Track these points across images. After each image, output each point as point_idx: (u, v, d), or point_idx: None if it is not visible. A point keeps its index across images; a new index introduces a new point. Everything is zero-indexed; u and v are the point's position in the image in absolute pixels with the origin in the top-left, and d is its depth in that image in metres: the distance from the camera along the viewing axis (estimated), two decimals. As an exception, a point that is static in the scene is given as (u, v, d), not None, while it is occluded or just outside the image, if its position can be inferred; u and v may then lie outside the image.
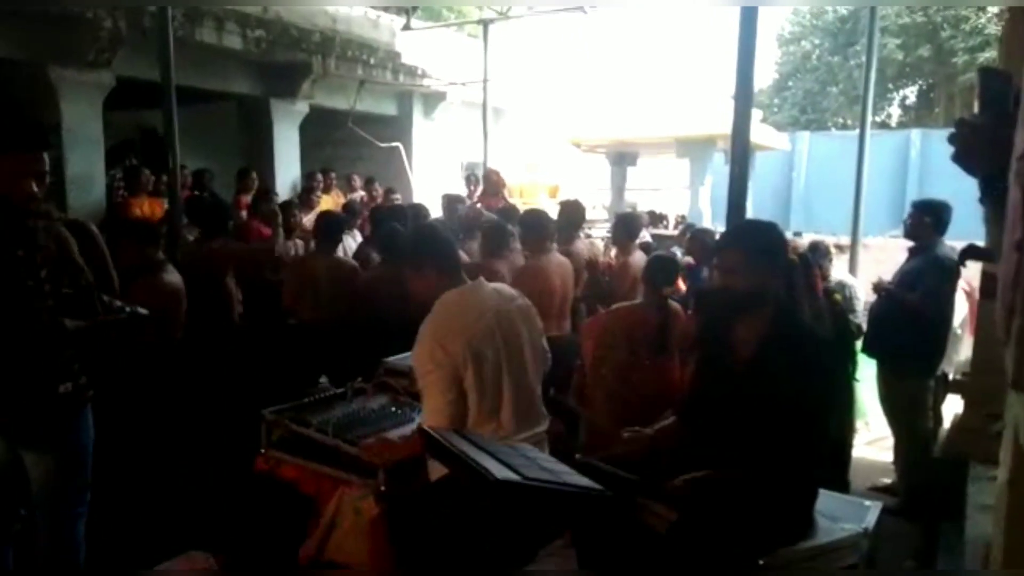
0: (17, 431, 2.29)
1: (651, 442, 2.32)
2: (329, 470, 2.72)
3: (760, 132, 10.03)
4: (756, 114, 10.39)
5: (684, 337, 3.49)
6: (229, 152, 9.02)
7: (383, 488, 2.55)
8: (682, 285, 5.11)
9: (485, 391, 2.32)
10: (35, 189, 2.18)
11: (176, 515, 3.14)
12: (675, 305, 3.66)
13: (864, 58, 6.56)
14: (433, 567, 2.25)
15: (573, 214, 5.03)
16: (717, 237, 3.41)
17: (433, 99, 10.33)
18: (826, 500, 2.27)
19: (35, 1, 5.38)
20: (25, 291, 2.18)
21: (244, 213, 6.26)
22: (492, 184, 7.06)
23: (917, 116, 23.03)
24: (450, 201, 6.16)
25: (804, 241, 5.05)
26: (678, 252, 6.16)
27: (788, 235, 6.45)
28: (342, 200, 7.59)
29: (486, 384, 2.31)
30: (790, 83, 24.56)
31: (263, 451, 2.90)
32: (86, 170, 6.24)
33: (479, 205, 6.47)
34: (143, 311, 2.51)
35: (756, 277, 2.14)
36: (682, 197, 10.63)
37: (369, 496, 2.58)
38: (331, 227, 4.49)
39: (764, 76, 24.68)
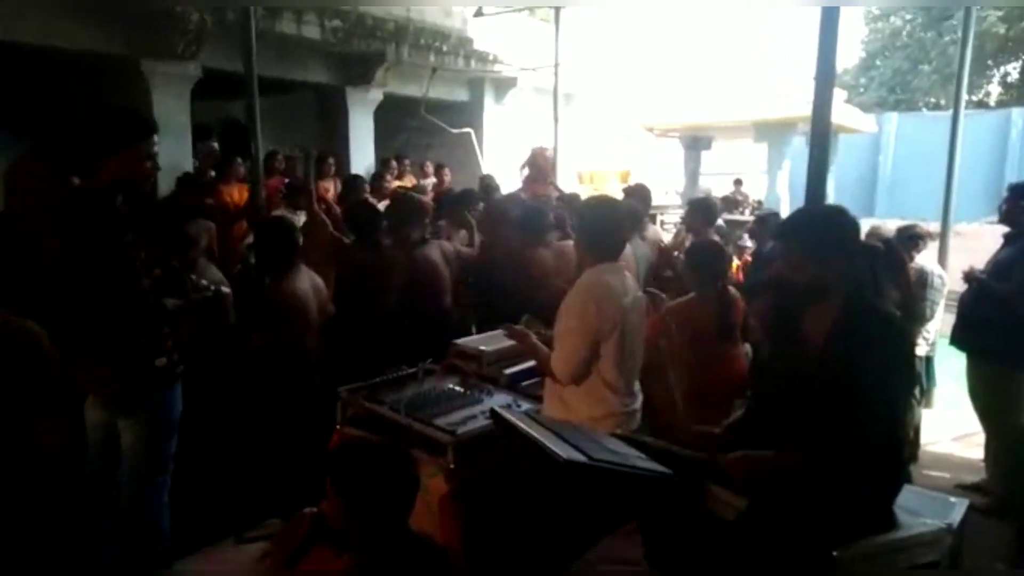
0: (115, 401, 2.45)
1: (721, 440, 2.28)
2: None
3: (844, 114, 9.62)
4: (840, 95, 9.97)
5: (744, 323, 3.48)
6: (305, 140, 9.29)
7: (452, 466, 2.60)
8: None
9: (623, 361, 2.50)
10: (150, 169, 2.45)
11: (256, 486, 3.29)
12: (733, 292, 3.61)
13: (960, 33, 6.15)
14: (501, 545, 2.28)
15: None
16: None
17: (504, 85, 10.34)
18: (908, 495, 2.19)
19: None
20: (134, 273, 2.36)
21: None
22: (538, 169, 5.71)
23: (1020, 94, 21.49)
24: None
25: (891, 226, 4.83)
26: (746, 237, 6.06)
27: (873, 221, 6.17)
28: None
29: (624, 354, 2.50)
30: (878, 62, 23.28)
31: (338, 427, 3.00)
32: (175, 159, 6.53)
33: (523, 195, 5.51)
34: (227, 289, 2.64)
35: (817, 268, 2.10)
36: (759, 182, 10.32)
37: (438, 474, 2.63)
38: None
39: (849, 55, 23.54)
